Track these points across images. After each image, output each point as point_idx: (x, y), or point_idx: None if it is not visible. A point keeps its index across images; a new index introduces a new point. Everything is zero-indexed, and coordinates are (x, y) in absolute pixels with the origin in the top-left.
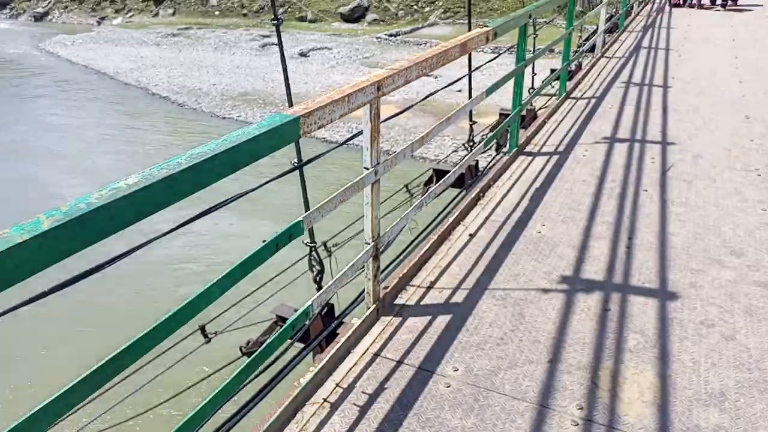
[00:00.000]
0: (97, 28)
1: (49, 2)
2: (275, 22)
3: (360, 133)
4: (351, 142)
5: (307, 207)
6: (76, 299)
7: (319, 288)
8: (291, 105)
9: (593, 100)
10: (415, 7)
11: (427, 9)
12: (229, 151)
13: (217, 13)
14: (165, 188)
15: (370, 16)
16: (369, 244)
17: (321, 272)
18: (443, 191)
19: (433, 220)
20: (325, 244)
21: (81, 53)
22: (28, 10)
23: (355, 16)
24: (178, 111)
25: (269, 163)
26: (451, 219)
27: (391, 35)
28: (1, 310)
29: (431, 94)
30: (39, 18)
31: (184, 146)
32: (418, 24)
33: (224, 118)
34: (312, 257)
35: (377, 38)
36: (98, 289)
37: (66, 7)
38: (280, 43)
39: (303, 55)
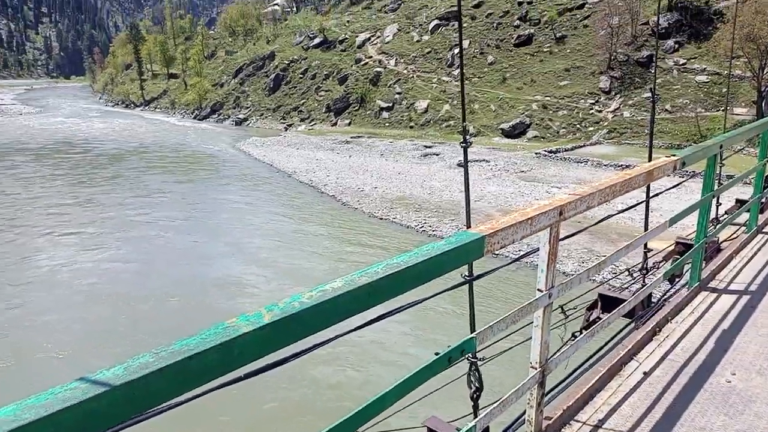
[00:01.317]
0: (284, 134)
1: (249, 110)
2: (464, 145)
3: (534, 251)
4: (510, 255)
5: (473, 321)
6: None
7: (476, 406)
8: (469, 226)
9: None
10: (578, 126)
11: (590, 128)
12: (422, 264)
13: (387, 124)
14: (365, 293)
15: (531, 133)
16: (535, 369)
17: (479, 390)
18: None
19: (600, 349)
20: (474, 360)
21: (268, 153)
22: (232, 116)
23: (515, 132)
24: (340, 208)
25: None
26: (622, 352)
27: (550, 152)
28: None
29: (608, 217)
30: (239, 123)
31: (340, 239)
32: (580, 142)
33: (381, 218)
34: (472, 374)
35: (536, 154)
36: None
37: (261, 114)
38: (465, 166)
39: (461, 165)
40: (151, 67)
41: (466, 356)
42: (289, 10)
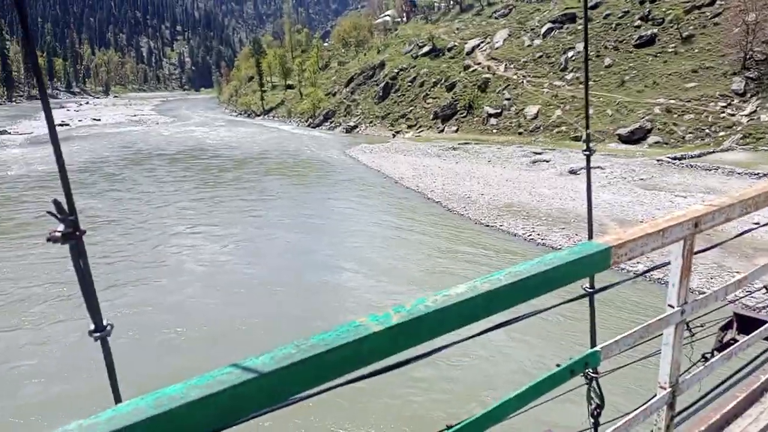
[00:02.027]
0: (391, 140)
1: (359, 118)
2: (587, 152)
3: (663, 265)
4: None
5: (593, 335)
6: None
7: (596, 423)
8: (591, 236)
9: None
10: (706, 130)
11: (721, 133)
12: (544, 273)
13: (494, 130)
14: (486, 300)
15: (651, 138)
16: (664, 389)
17: (600, 407)
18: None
19: (735, 372)
20: (596, 375)
21: (375, 160)
22: (343, 123)
23: (634, 138)
24: (446, 214)
25: None
26: (763, 377)
27: (674, 158)
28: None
29: (748, 231)
30: (349, 130)
31: (442, 244)
32: (709, 148)
33: (487, 225)
34: (592, 389)
35: (657, 160)
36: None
37: (371, 122)
38: (588, 174)
39: (573, 172)
40: (271, 79)
41: (588, 370)
42: (399, 20)
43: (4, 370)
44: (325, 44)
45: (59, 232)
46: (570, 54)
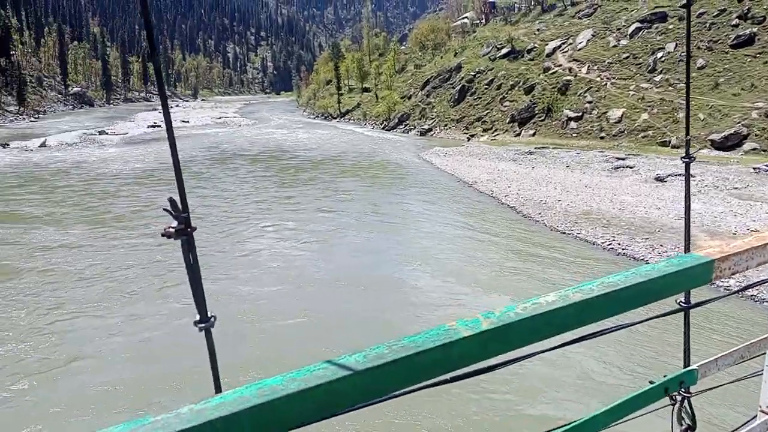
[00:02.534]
0: (466, 144)
1: (433, 121)
2: (686, 159)
3: (762, 282)
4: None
5: (687, 353)
6: None
7: None
8: (688, 248)
9: None
10: None
11: None
12: (639, 285)
13: (574, 134)
14: (578, 310)
15: (747, 145)
16: (766, 414)
17: (692, 429)
18: None
19: None
20: (688, 395)
21: (449, 163)
22: (417, 126)
23: (728, 144)
24: (520, 220)
25: None
26: None
27: None
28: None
29: None
30: (423, 133)
31: (515, 249)
32: None
33: (563, 232)
34: (683, 409)
35: (754, 168)
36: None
37: (445, 125)
38: (687, 182)
39: (660, 180)
40: (348, 82)
41: (681, 390)
42: (478, 22)
43: (113, 354)
44: (402, 47)
45: (172, 228)
46: (659, 55)
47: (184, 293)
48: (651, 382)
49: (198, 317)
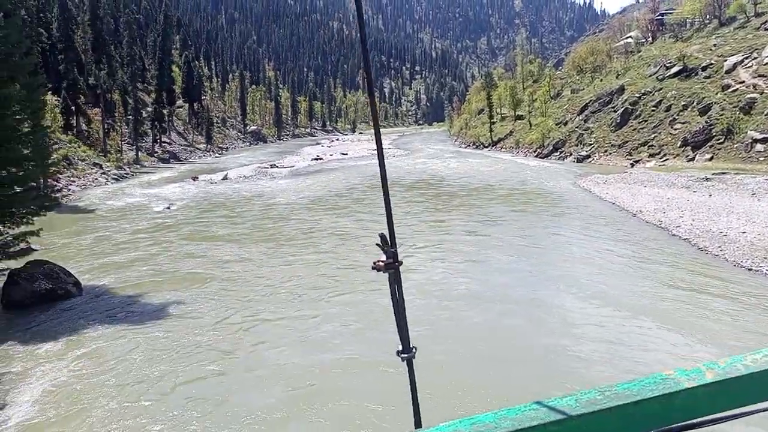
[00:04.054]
0: (629, 170)
1: (592, 147)
2: None
3: None
4: None
5: None
6: None
7: None
8: None
9: None
10: None
11: None
12: None
13: (762, 158)
14: None
15: None
16: None
17: None
18: None
19: None
20: None
21: (610, 191)
22: (574, 153)
23: None
24: (695, 254)
25: None
26: None
27: None
28: None
29: None
30: (581, 160)
31: (689, 287)
32: None
33: (750, 269)
34: None
35: None
36: None
37: (605, 151)
38: None
39: None
40: (500, 111)
41: None
42: (643, 41)
43: (314, 383)
44: (558, 72)
45: (382, 261)
46: None
47: (359, 311)
48: None
49: (401, 347)
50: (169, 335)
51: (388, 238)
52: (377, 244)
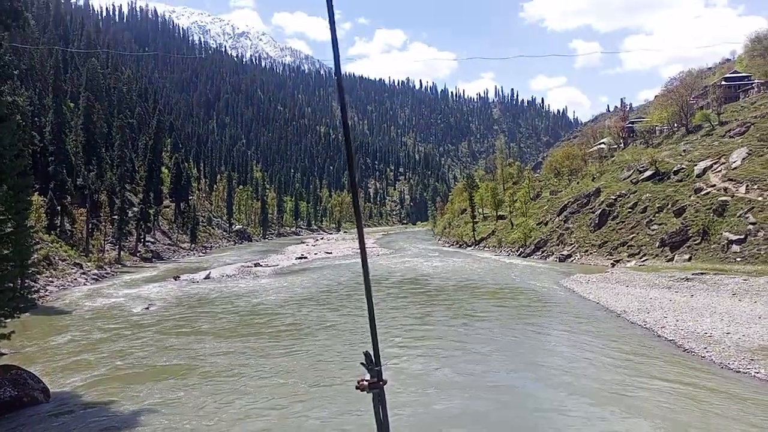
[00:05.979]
0: (610, 270)
1: (573, 246)
2: None
3: None
4: None
5: None
6: None
7: None
8: None
9: None
10: None
11: None
12: None
13: (738, 259)
14: None
15: None
16: None
17: None
18: None
19: None
20: None
21: (593, 291)
22: (555, 252)
23: None
24: (682, 356)
25: None
26: None
27: None
28: None
29: None
30: (563, 259)
31: (680, 393)
32: None
33: (737, 371)
34: None
35: None
36: None
37: (586, 251)
38: None
39: None
40: (482, 211)
41: None
42: (615, 146)
43: None
44: (536, 174)
45: (366, 381)
46: None
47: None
48: None
49: None
50: None
51: (373, 357)
52: (362, 363)
